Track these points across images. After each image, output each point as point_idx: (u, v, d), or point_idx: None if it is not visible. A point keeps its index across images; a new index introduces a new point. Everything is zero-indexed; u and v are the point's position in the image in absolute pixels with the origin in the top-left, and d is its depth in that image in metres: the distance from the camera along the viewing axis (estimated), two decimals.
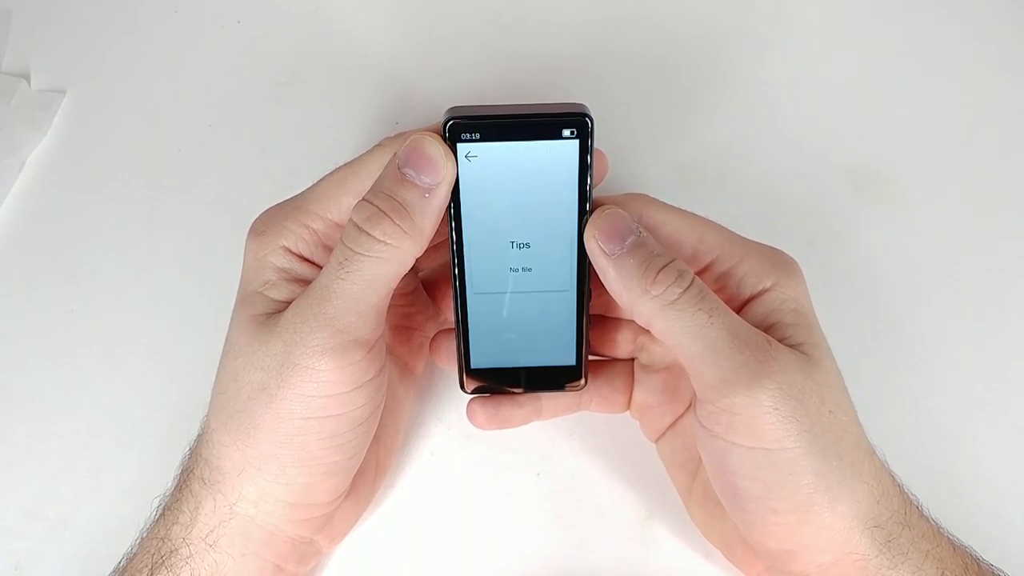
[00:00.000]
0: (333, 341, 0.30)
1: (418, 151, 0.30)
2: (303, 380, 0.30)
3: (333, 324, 0.30)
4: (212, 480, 0.32)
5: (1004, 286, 0.42)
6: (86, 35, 0.49)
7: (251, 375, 0.31)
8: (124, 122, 0.47)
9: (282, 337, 0.30)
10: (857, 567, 0.30)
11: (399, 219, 0.29)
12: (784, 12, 0.48)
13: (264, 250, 0.32)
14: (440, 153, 0.30)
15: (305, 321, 0.30)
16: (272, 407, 0.30)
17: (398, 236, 0.29)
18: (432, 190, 0.30)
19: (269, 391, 0.30)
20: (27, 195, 0.45)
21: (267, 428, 0.30)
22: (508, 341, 0.34)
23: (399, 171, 0.30)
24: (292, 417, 0.30)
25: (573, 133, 0.30)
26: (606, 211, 0.31)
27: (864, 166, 0.45)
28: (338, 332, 0.30)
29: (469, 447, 0.40)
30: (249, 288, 0.32)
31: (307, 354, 0.30)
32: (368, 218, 0.29)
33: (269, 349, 0.30)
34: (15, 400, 0.41)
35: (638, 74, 0.46)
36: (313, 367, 0.30)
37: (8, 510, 0.39)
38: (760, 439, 0.29)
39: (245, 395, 0.31)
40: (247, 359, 0.31)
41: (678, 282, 0.29)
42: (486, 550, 0.38)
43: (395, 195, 0.30)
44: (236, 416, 0.31)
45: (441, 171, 0.30)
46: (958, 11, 0.47)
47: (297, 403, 0.30)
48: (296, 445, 0.31)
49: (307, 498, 0.32)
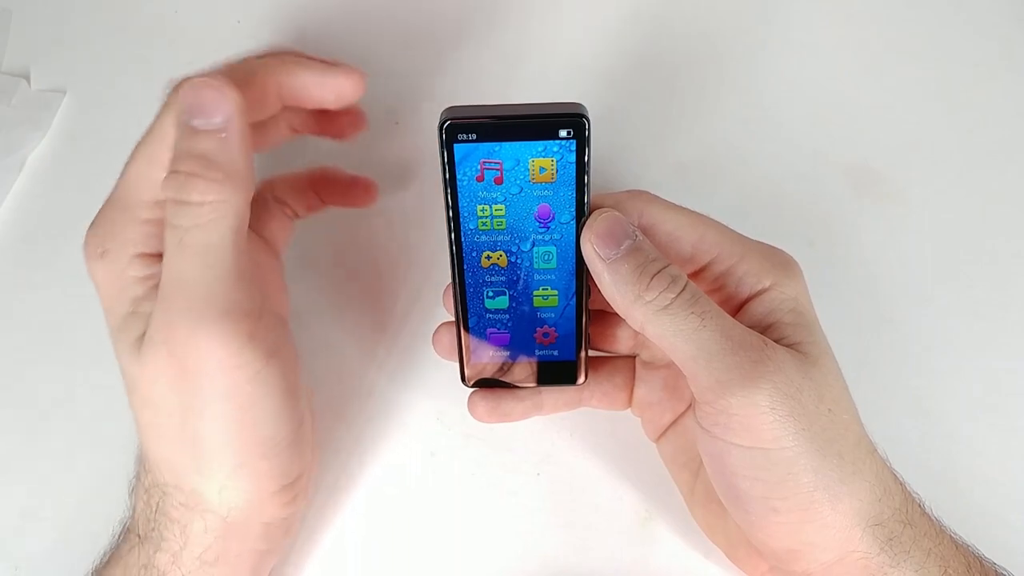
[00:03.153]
0: (217, 328, 0.28)
1: (196, 97, 0.29)
2: (213, 382, 0.29)
3: (206, 311, 0.28)
4: (192, 503, 0.31)
5: (1004, 286, 0.42)
6: (86, 35, 0.49)
7: (166, 400, 0.30)
8: (124, 122, 0.46)
9: (166, 350, 0.29)
10: (859, 565, 0.30)
11: (210, 172, 0.28)
12: (784, 12, 0.48)
13: (116, 267, 0.30)
14: (215, 88, 0.29)
15: (179, 323, 0.28)
16: (206, 421, 0.29)
17: (216, 190, 0.28)
18: (227, 128, 0.29)
19: (193, 408, 0.29)
20: (27, 195, 0.45)
21: (216, 440, 0.30)
22: (508, 336, 0.34)
23: (188, 125, 0.29)
24: (228, 419, 0.30)
25: (570, 133, 0.30)
26: (603, 214, 0.31)
27: (864, 166, 0.45)
28: (217, 316, 0.28)
29: (469, 447, 0.40)
30: (119, 312, 0.30)
31: (201, 357, 0.29)
32: (181, 186, 0.28)
33: (164, 368, 0.29)
34: (15, 400, 0.41)
35: (638, 73, 0.46)
36: (214, 368, 0.29)
37: (8, 510, 0.39)
38: (758, 439, 0.29)
39: (175, 421, 0.30)
40: (151, 387, 0.30)
41: (671, 287, 0.29)
42: (486, 550, 0.38)
43: (194, 151, 0.28)
44: (183, 443, 0.30)
45: (225, 104, 0.29)
46: (958, 11, 0.47)
47: (224, 403, 0.29)
48: (251, 439, 0.30)
49: (285, 475, 0.32)
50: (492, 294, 0.34)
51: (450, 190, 0.31)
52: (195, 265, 0.28)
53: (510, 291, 0.33)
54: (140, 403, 0.31)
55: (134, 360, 0.30)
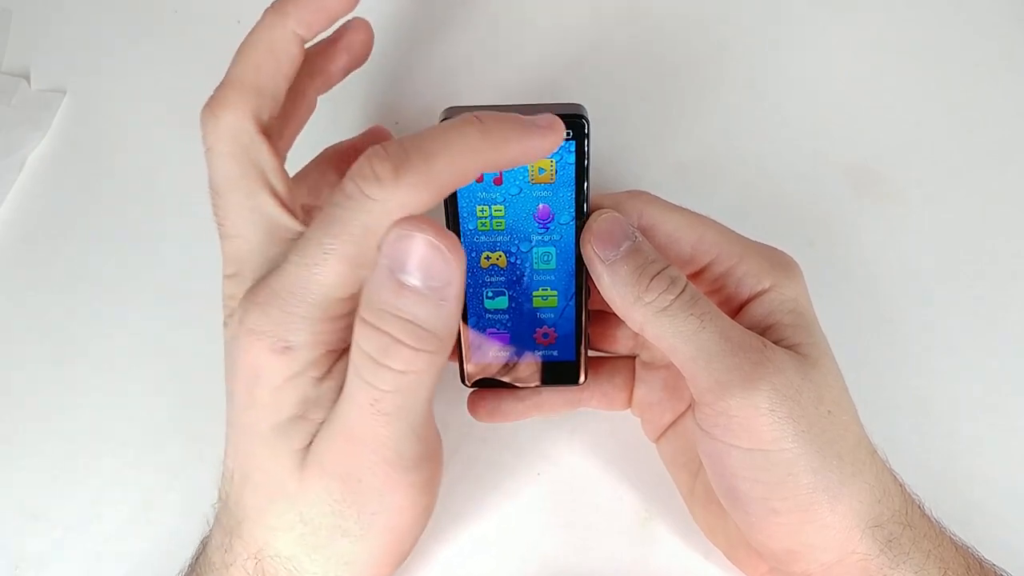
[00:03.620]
0: (404, 482, 0.28)
1: (416, 251, 0.25)
2: (383, 521, 0.29)
3: (394, 466, 0.28)
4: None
5: (1004, 286, 0.42)
6: (86, 35, 0.49)
7: (318, 515, 0.28)
8: (124, 122, 0.47)
9: (340, 483, 0.28)
10: (859, 567, 0.30)
11: (420, 344, 0.26)
12: (784, 12, 0.48)
13: (297, 366, 0.27)
14: (443, 249, 0.25)
15: (368, 469, 0.27)
16: (358, 546, 0.29)
17: (425, 361, 0.26)
18: (447, 295, 0.26)
19: (350, 532, 0.29)
20: (27, 195, 0.45)
21: (361, 561, 0.30)
22: (508, 337, 0.34)
23: (396, 279, 0.25)
24: (383, 546, 0.30)
25: (569, 134, 0.30)
26: (603, 215, 0.31)
27: (864, 166, 0.45)
28: (404, 471, 0.28)
29: (469, 447, 0.40)
30: (284, 413, 0.28)
31: (380, 502, 0.28)
32: (384, 350, 0.25)
33: (328, 494, 0.28)
34: (15, 400, 0.41)
35: (638, 73, 0.46)
36: (388, 510, 0.29)
37: (8, 510, 0.39)
38: (758, 440, 0.29)
39: (323, 535, 0.29)
40: (307, 501, 0.28)
41: (670, 289, 0.30)
42: (486, 550, 0.38)
43: (404, 312, 0.25)
44: (322, 554, 0.29)
45: (453, 270, 0.25)
46: (958, 10, 0.47)
47: (385, 536, 0.30)
48: (394, 558, 0.32)
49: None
50: (492, 294, 0.34)
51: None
52: (390, 428, 0.27)
53: (510, 291, 0.33)
54: (284, 509, 0.29)
55: (295, 470, 0.28)
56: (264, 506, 0.29)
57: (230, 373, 0.29)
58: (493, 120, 0.26)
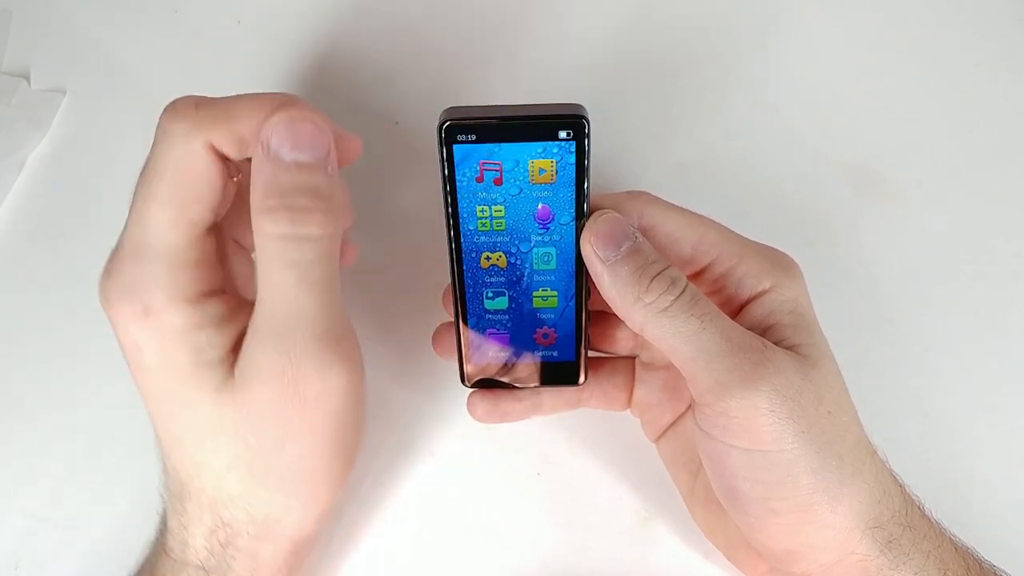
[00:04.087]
0: (338, 356, 0.29)
1: (293, 131, 0.28)
2: (325, 406, 0.30)
3: (327, 341, 0.29)
4: (264, 533, 0.31)
5: (1004, 286, 0.42)
6: (86, 35, 0.49)
7: (263, 435, 0.29)
8: (124, 122, 0.47)
9: (277, 385, 0.29)
10: (859, 567, 0.30)
11: (323, 205, 0.28)
12: (784, 12, 0.48)
13: (168, 322, 0.29)
14: (314, 122, 0.28)
15: (301, 355, 0.28)
16: (308, 444, 0.30)
17: (332, 223, 0.28)
18: (329, 160, 0.29)
19: (299, 434, 0.30)
20: (27, 195, 0.45)
21: (315, 461, 0.30)
22: (508, 337, 0.34)
23: (285, 160, 0.28)
24: (331, 439, 0.31)
25: (569, 134, 0.30)
26: (603, 215, 0.31)
27: (864, 166, 0.45)
28: (336, 344, 0.29)
29: (469, 447, 0.40)
30: (181, 369, 0.29)
31: (321, 385, 0.29)
32: (296, 221, 0.28)
33: (270, 403, 0.29)
34: (16, 400, 0.41)
35: (639, 73, 0.46)
36: (329, 393, 0.29)
37: (9, 510, 0.39)
38: (758, 441, 0.29)
39: (269, 453, 0.30)
40: (249, 424, 0.29)
41: (671, 289, 0.30)
42: (486, 550, 0.38)
43: (302, 185, 0.28)
44: (270, 473, 0.30)
45: (325, 138, 0.28)
46: (958, 10, 0.47)
47: (329, 424, 0.30)
48: (344, 454, 0.32)
49: (347, 482, 0.33)
50: (492, 295, 0.34)
51: (449, 191, 0.31)
52: (318, 298, 0.28)
53: (510, 292, 0.33)
54: (223, 445, 0.30)
55: (225, 404, 0.29)
56: (203, 456, 0.30)
57: (125, 355, 0.30)
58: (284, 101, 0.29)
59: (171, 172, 0.29)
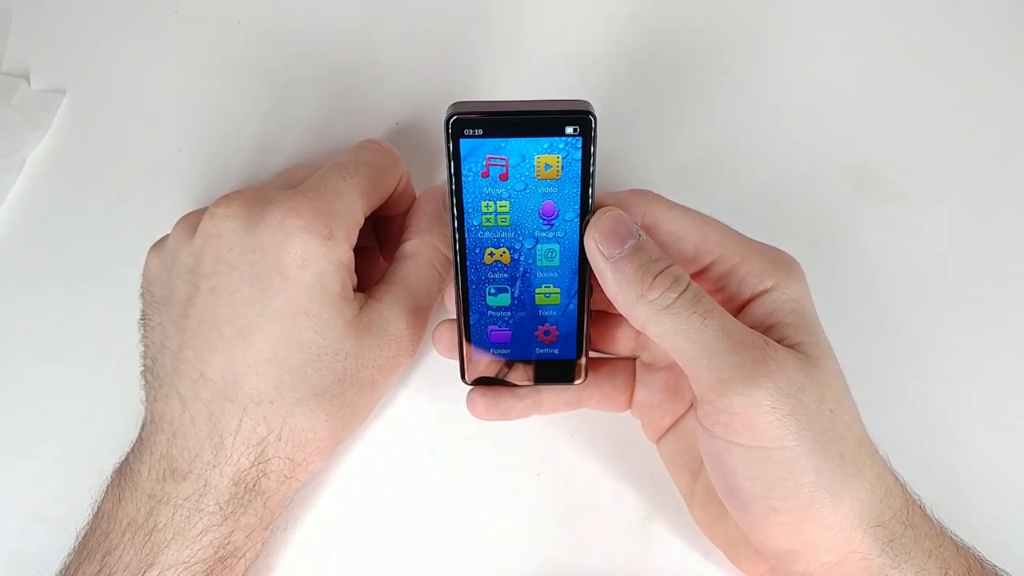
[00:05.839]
0: (413, 318, 0.37)
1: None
2: (397, 373, 0.38)
3: (426, 306, 0.38)
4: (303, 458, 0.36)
5: (1004, 286, 0.42)
6: (86, 35, 0.49)
7: (363, 374, 0.35)
8: (124, 122, 0.47)
9: (394, 337, 0.36)
10: (860, 567, 0.30)
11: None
12: (785, 12, 0.48)
13: (337, 253, 0.34)
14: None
15: (414, 314, 0.37)
16: (382, 382, 0.37)
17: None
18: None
19: (385, 370, 0.36)
20: (27, 195, 0.45)
21: (377, 394, 0.37)
22: (509, 334, 0.34)
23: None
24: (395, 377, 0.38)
25: (576, 130, 0.30)
26: (607, 212, 0.31)
27: (864, 166, 0.45)
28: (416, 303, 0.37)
29: (469, 447, 0.40)
30: (332, 291, 0.34)
31: (412, 339, 0.37)
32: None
33: (386, 349, 0.36)
34: (15, 400, 0.41)
35: (639, 73, 0.46)
36: (405, 349, 0.37)
37: (8, 510, 0.39)
38: (759, 438, 0.29)
39: (357, 386, 0.35)
40: (366, 361, 0.35)
41: (673, 287, 0.30)
42: (486, 550, 0.38)
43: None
44: (351, 404, 0.36)
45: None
46: (958, 10, 0.48)
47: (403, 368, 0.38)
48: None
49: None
50: (494, 291, 0.34)
51: (454, 185, 0.31)
52: (435, 272, 0.38)
53: (512, 288, 0.33)
54: (327, 365, 0.34)
55: (356, 342, 0.35)
56: (297, 380, 0.34)
57: (261, 267, 0.34)
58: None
59: (376, 175, 0.37)
